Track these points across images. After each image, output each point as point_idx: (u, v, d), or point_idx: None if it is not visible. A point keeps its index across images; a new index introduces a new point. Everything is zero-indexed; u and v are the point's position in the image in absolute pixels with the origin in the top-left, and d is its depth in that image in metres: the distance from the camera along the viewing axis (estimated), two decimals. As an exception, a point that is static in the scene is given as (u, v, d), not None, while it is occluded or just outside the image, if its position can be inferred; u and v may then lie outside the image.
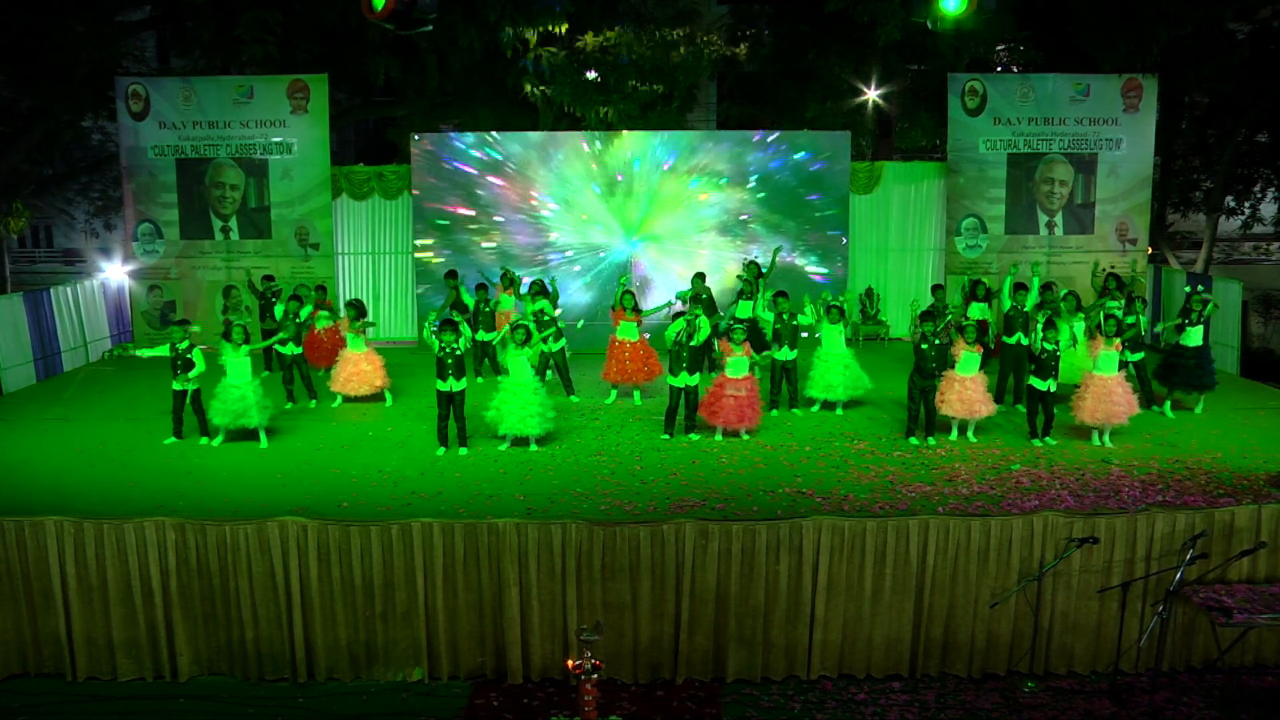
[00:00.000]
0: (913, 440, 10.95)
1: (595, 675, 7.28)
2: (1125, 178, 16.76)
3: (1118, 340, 10.86)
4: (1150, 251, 17.39)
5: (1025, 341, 11.57)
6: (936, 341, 10.94)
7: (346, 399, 12.66)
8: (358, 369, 12.55)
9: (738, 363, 10.97)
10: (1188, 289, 12.90)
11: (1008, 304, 12.33)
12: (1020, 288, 12.28)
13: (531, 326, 11.00)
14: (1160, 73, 16.49)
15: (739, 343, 10.97)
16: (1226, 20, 17.58)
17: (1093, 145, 16.70)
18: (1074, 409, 10.89)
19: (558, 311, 13.07)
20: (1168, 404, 12.01)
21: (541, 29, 16.80)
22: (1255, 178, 21.75)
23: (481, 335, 13.72)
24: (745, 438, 11.11)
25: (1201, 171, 21.27)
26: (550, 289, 12.90)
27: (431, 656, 8.60)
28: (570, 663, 7.49)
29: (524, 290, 13.35)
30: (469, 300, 13.86)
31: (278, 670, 8.57)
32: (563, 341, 12.87)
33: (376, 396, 12.76)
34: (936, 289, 13.45)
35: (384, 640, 8.58)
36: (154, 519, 8.46)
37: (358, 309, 12.70)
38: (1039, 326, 10.76)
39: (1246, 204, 21.93)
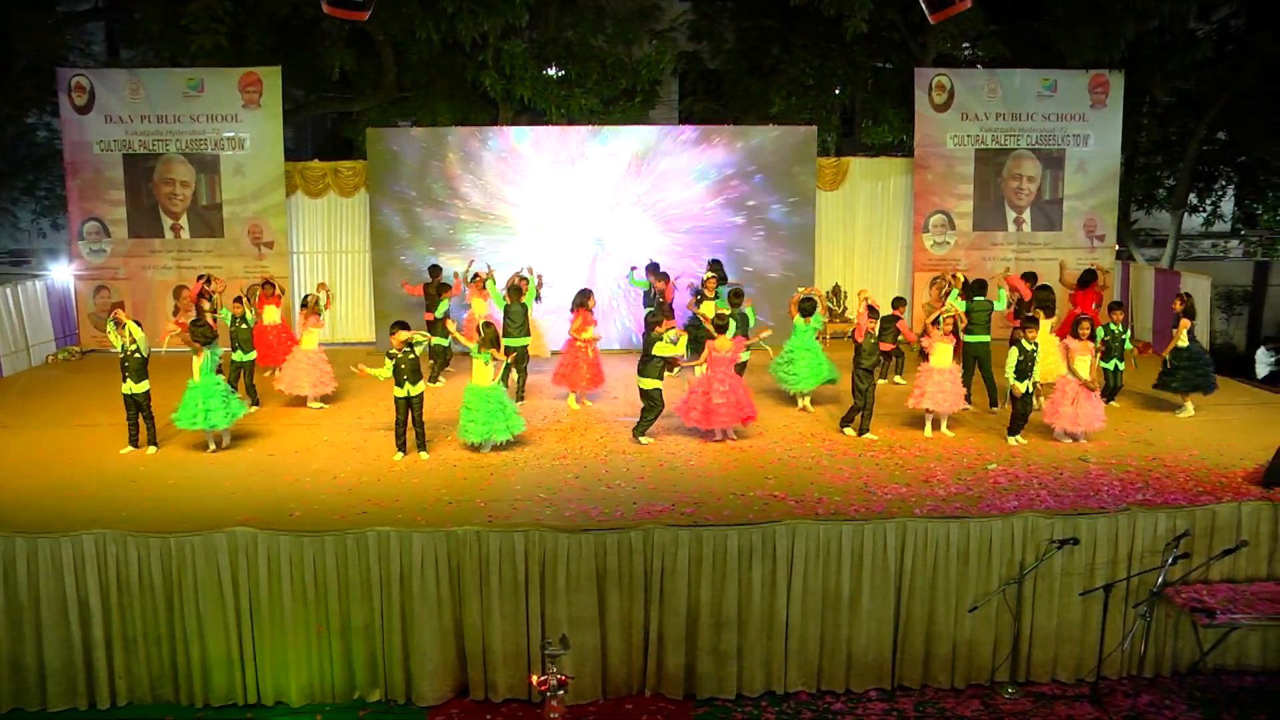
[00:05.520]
0: (847, 430, 10.80)
1: (561, 691, 6.94)
2: (1093, 174, 16.68)
3: (1090, 343, 10.62)
4: (1117, 248, 17.34)
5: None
6: (872, 339, 10.76)
7: (298, 401, 12.24)
8: (326, 369, 12.16)
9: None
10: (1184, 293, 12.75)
11: None
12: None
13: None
14: (1126, 69, 16.43)
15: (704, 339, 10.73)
16: (1191, 17, 17.58)
17: (1060, 141, 16.60)
18: (1051, 417, 10.61)
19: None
20: (1189, 405, 11.83)
21: (501, 21, 16.39)
22: (1216, 175, 21.89)
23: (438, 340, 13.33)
24: (720, 439, 10.82)
25: (1164, 169, 21.36)
26: (530, 287, 12.60)
27: (388, 673, 8.18)
28: (535, 678, 7.15)
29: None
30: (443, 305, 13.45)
31: (224, 693, 8.10)
32: (527, 339, 12.50)
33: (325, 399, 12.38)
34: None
35: (338, 657, 8.15)
36: (92, 531, 7.98)
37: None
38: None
39: (1208, 201, 22.06)
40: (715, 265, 14.24)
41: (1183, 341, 11.64)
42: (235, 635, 8.08)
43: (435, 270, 14.08)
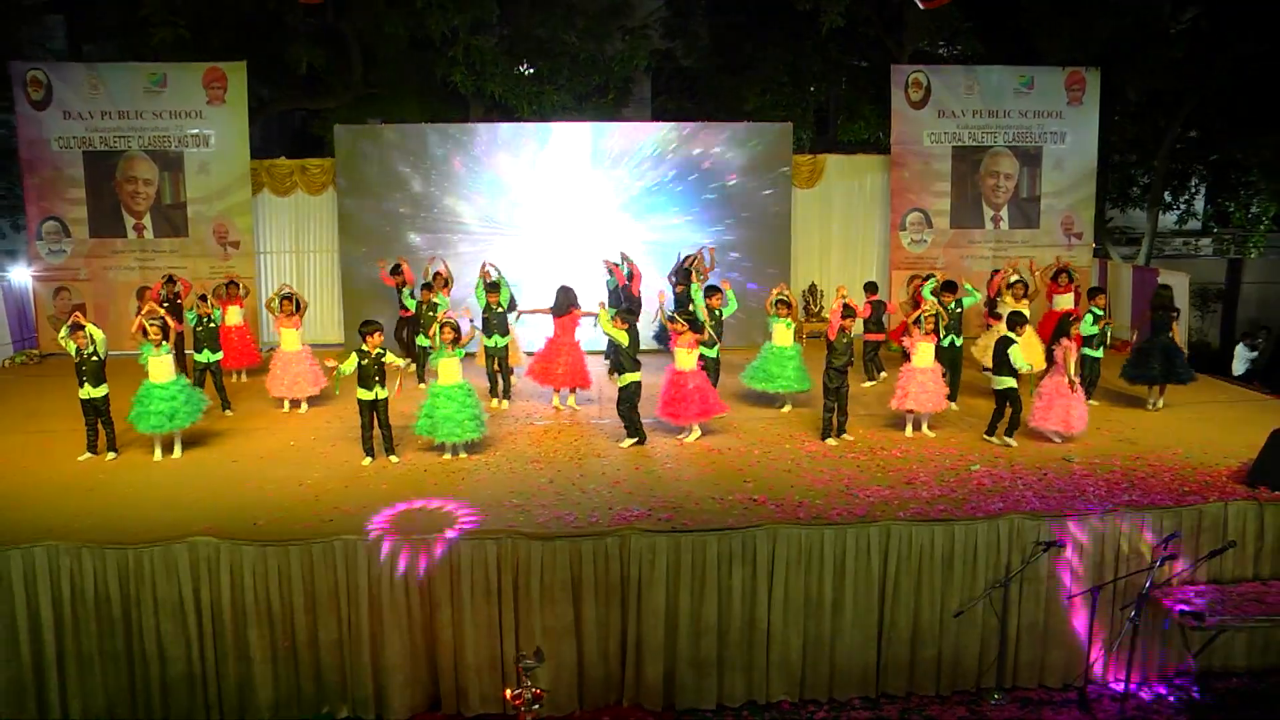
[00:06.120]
0: (830, 441, 10.50)
1: (537, 706, 6.68)
2: (1070, 171, 16.61)
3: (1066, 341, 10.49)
4: (1094, 246, 17.28)
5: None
6: (845, 338, 10.51)
7: (291, 404, 11.95)
8: (299, 370, 11.83)
9: (685, 354, 10.45)
10: (1160, 284, 12.71)
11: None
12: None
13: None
14: (1102, 67, 16.35)
15: (681, 332, 10.47)
16: (1165, 15, 17.55)
17: (1037, 138, 16.52)
18: (1039, 418, 10.39)
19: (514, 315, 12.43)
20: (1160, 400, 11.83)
21: (471, 16, 16.08)
22: (1190, 173, 21.90)
23: (423, 340, 12.99)
24: (691, 438, 10.58)
25: (1138, 167, 21.34)
26: (500, 284, 12.24)
27: (357, 687, 7.88)
28: (508, 693, 6.88)
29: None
30: (410, 303, 13.12)
31: (185, 711, 7.77)
32: (508, 338, 12.21)
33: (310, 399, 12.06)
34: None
35: (305, 671, 7.85)
36: (44, 544, 7.64)
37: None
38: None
39: (1182, 199, 22.08)
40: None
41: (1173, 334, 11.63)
42: (197, 651, 7.76)
43: (397, 270, 13.75)
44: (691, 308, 12.00)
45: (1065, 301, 13.38)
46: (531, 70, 17.90)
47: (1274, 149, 18.90)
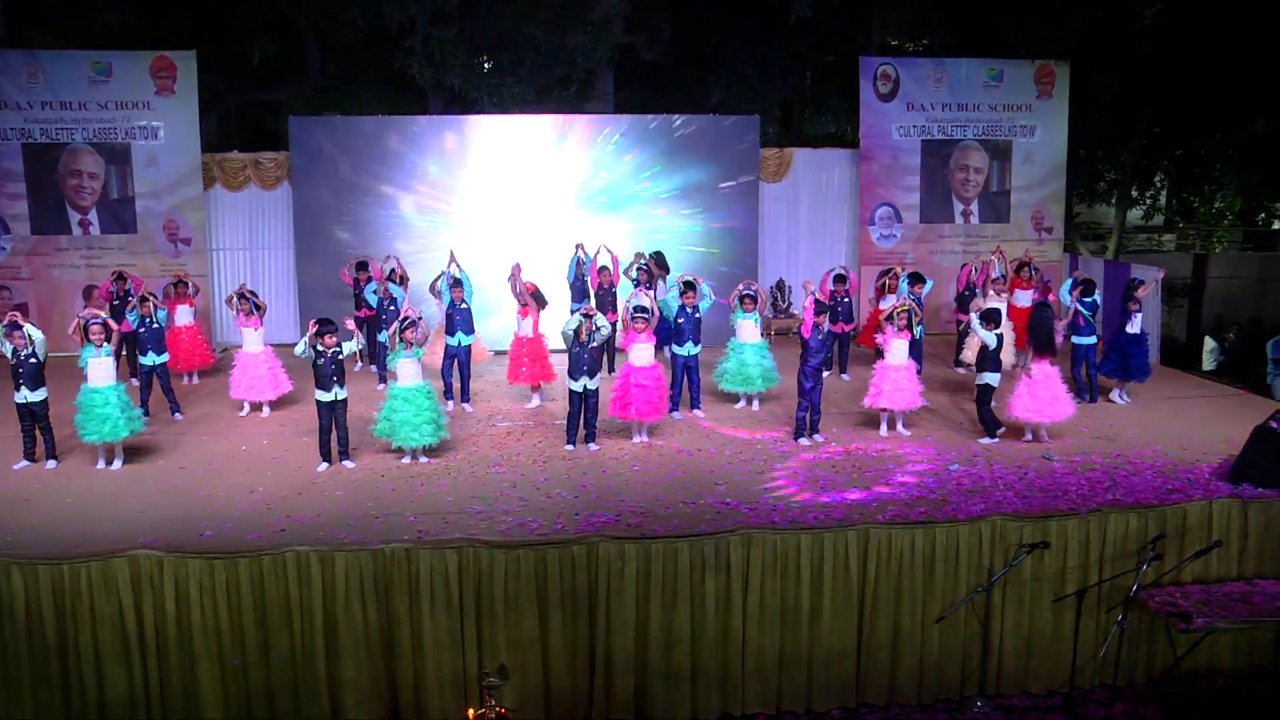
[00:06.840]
0: (803, 441, 10.19)
1: (501, 727, 6.33)
2: (1040, 165, 16.49)
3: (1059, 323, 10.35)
4: (1064, 241, 17.16)
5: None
6: (819, 335, 10.22)
7: (252, 406, 11.48)
8: (259, 372, 11.35)
9: (642, 350, 10.10)
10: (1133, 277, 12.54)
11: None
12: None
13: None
14: (1072, 60, 16.23)
15: (641, 330, 10.12)
16: (1135, 9, 17.49)
17: (1006, 131, 16.37)
18: (1020, 409, 10.17)
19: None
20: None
21: (430, 7, 15.64)
22: (1155, 169, 21.96)
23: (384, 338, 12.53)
24: (638, 440, 10.24)
25: (1105, 162, 21.32)
26: (464, 282, 11.81)
27: (311, 705, 7.47)
28: (472, 713, 6.52)
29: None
30: (372, 299, 12.68)
31: (127, 734, 7.35)
32: (472, 337, 11.80)
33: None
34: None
35: (255, 690, 7.42)
36: (-30, 560, 7.16)
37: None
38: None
39: (1148, 194, 22.13)
40: (657, 256, 13.67)
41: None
42: (139, 672, 7.32)
43: (363, 266, 13.31)
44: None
45: (1026, 297, 13.13)
46: (491, 63, 17.48)
47: (1239, 146, 18.96)
